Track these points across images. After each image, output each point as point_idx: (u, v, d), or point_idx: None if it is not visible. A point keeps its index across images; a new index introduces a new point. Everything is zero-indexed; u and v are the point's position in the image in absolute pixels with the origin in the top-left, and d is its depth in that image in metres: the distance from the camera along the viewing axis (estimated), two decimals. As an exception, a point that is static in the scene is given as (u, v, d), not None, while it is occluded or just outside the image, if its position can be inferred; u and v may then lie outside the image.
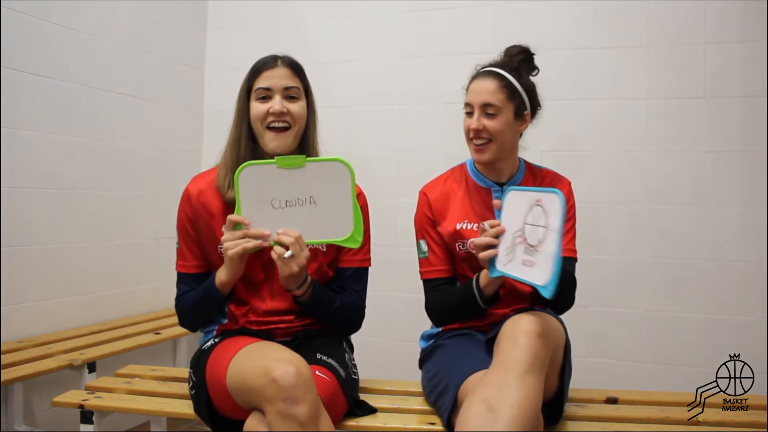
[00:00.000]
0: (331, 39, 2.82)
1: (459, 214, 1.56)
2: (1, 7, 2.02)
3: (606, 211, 2.45)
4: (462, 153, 1.64)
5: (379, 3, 2.75)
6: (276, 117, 1.42)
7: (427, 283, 1.59)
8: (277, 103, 1.42)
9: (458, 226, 1.55)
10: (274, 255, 1.30)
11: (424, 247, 1.58)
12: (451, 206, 1.58)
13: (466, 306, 1.47)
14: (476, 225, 1.53)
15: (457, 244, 1.55)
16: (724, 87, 2.32)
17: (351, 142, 2.74)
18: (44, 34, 2.19)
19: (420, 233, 1.61)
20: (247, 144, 1.46)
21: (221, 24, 3.02)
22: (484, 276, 1.42)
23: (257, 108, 1.44)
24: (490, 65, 1.56)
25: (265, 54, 1.49)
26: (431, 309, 1.58)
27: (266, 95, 1.44)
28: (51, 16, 2.21)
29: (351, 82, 2.79)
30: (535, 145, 1.86)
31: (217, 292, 1.40)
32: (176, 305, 1.50)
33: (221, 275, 1.38)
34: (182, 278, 1.50)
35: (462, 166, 1.65)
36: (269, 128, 1.44)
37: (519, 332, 1.23)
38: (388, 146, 2.74)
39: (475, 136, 1.52)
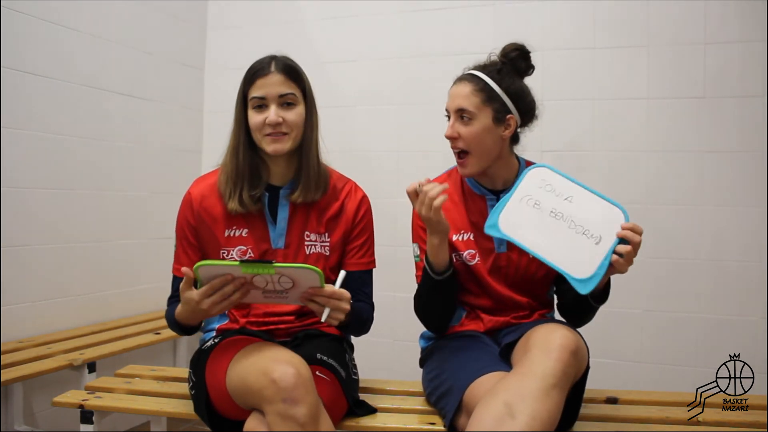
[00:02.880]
0: (331, 39, 2.82)
1: (454, 225, 1.50)
2: (1, 7, 2.01)
3: (606, 211, 2.44)
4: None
5: (379, 3, 2.75)
6: (272, 128, 1.40)
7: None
8: (272, 114, 1.39)
9: (454, 238, 1.50)
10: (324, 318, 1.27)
11: (417, 251, 1.53)
12: (447, 215, 1.48)
13: (427, 287, 1.44)
14: (472, 235, 1.50)
15: (453, 255, 1.49)
16: (723, 87, 2.32)
17: (351, 141, 2.74)
18: (44, 34, 2.18)
19: (414, 236, 1.55)
20: (245, 152, 1.44)
21: (221, 24, 3.02)
22: (430, 247, 1.40)
23: (254, 118, 1.41)
24: (474, 67, 1.51)
25: (265, 54, 1.48)
26: (415, 308, 1.53)
27: (261, 104, 1.41)
28: (51, 15, 2.21)
29: (351, 82, 2.79)
30: (535, 145, 1.85)
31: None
32: (166, 306, 1.49)
33: (179, 314, 1.34)
34: (176, 282, 1.48)
35: None
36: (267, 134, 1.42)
37: (553, 344, 1.21)
38: (388, 146, 2.74)
39: (452, 144, 1.48)
